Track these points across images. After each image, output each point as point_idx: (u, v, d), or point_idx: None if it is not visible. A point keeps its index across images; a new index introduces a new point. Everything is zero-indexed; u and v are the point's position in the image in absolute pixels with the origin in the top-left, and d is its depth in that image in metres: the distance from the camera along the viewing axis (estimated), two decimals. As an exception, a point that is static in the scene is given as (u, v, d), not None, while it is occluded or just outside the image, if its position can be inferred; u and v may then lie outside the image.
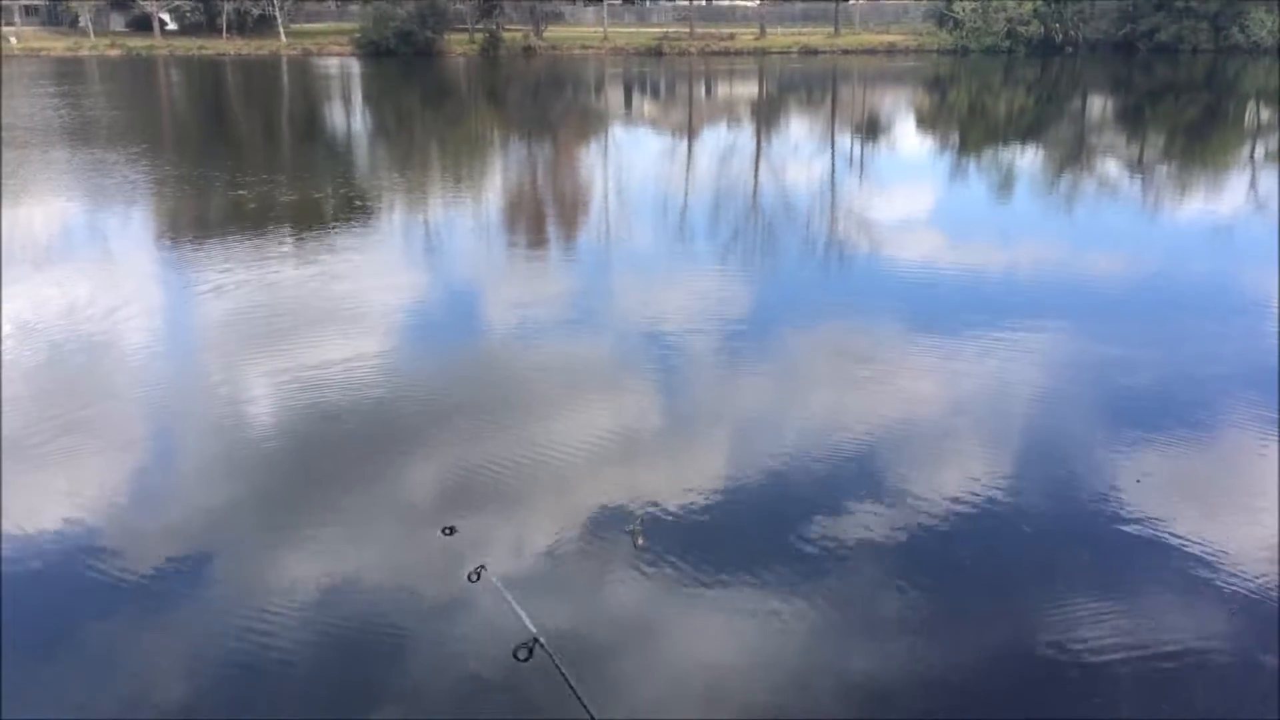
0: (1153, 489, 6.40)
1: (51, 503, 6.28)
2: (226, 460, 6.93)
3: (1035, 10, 65.85)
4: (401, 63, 63.69)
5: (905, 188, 18.97)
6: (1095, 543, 5.81)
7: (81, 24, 79.25)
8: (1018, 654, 4.88)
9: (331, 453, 7.05)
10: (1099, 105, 37.36)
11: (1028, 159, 23.61)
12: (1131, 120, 31.78)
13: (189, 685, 4.67)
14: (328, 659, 4.84)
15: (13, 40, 74.12)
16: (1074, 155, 23.66)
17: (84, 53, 71.96)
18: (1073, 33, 66.38)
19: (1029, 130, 29.27)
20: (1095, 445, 7.09)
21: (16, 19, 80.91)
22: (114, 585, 5.44)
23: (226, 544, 5.84)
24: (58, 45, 73.92)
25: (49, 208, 16.41)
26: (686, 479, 6.55)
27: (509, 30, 74.69)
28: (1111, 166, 21.96)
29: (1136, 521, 6.00)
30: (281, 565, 5.60)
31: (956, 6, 67.01)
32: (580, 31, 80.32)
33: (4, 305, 10.41)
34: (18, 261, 12.47)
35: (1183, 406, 7.77)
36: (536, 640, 4.66)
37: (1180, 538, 5.81)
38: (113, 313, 10.27)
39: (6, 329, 9.64)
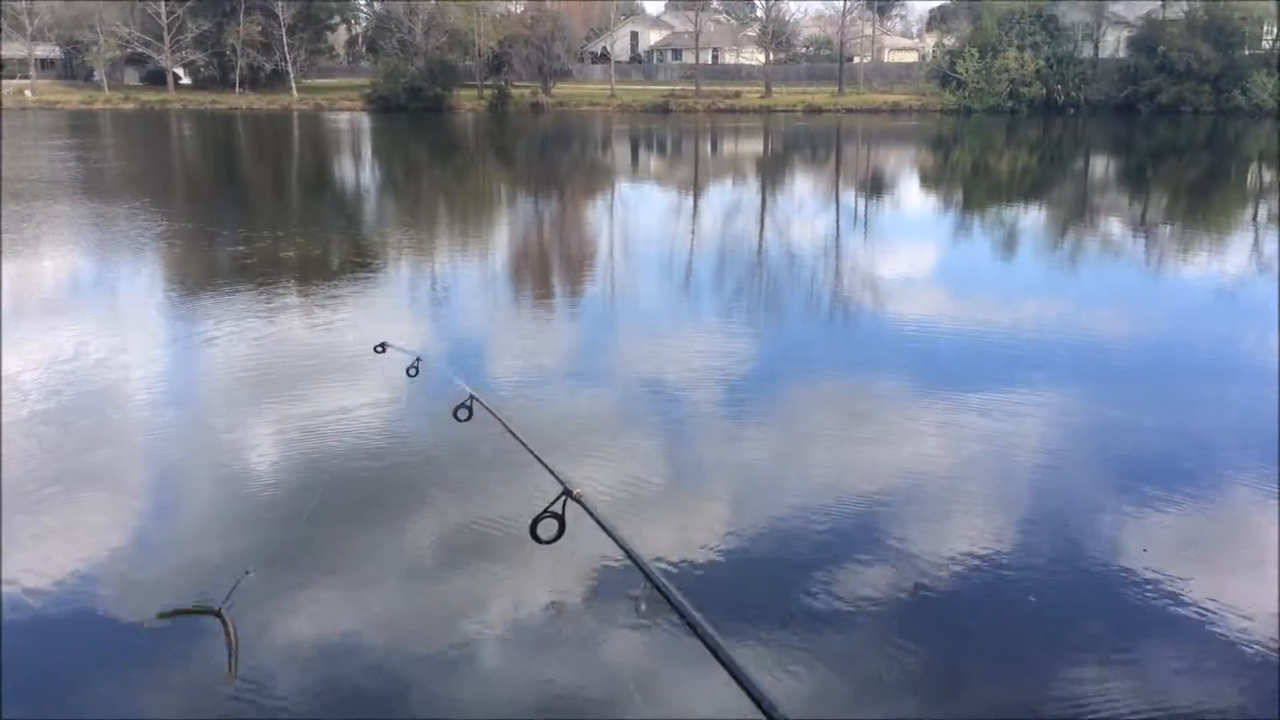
0: (1160, 554, 6.33)
1: (49, 554, 6.24)
2: (226, 511, 6.90)
3: (1038, 71, 66.66)
4: (411, 118, 64.43)
5: (909, 245, 19.07)
6: (1102, 609, 5.74)
7: (96, 77, 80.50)
8: (1014, 710, 4.81)
9: (331, 504, 7.02)
10: (1101, 165, 37.66)
11: (1031, 218, 23.75)
12: (1134, 180, 32.02)
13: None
14: (328, 713, 4.78)
15: (28, 93, 75.24)
16: (1077, 214, 23.80)
17: (98, 106, 73.01)
18: (1075, 94, 67.14)
19: (1032, 189, 29.48)
20: (1101, 509, 7.04)
21: (32, 72, 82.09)
22: (112, 638, 5.39)
23: (228, 592, 5.79)
24: (73, 98, 75.01)
25: (47, 262, 16.52)
26: (688, 537, 6.51)
27: (517, 87, 75.73)
28: (1114, 226, 22.08)
29: (1143, 586, 5.93)
30: (281, 617, 5.54)
31: (959, 67, 67.86)
32: (588, 89, 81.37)
33: (4, 357, 10.43)
34: (15, 314, 12.53)
35: (1188, 470, 7.72)
36: None
37: (1188, 603, 5.74)
38: (111, 364, 10.29)
39: (7, 380, 9.65)
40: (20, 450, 7.91)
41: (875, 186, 30.00)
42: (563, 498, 2.82)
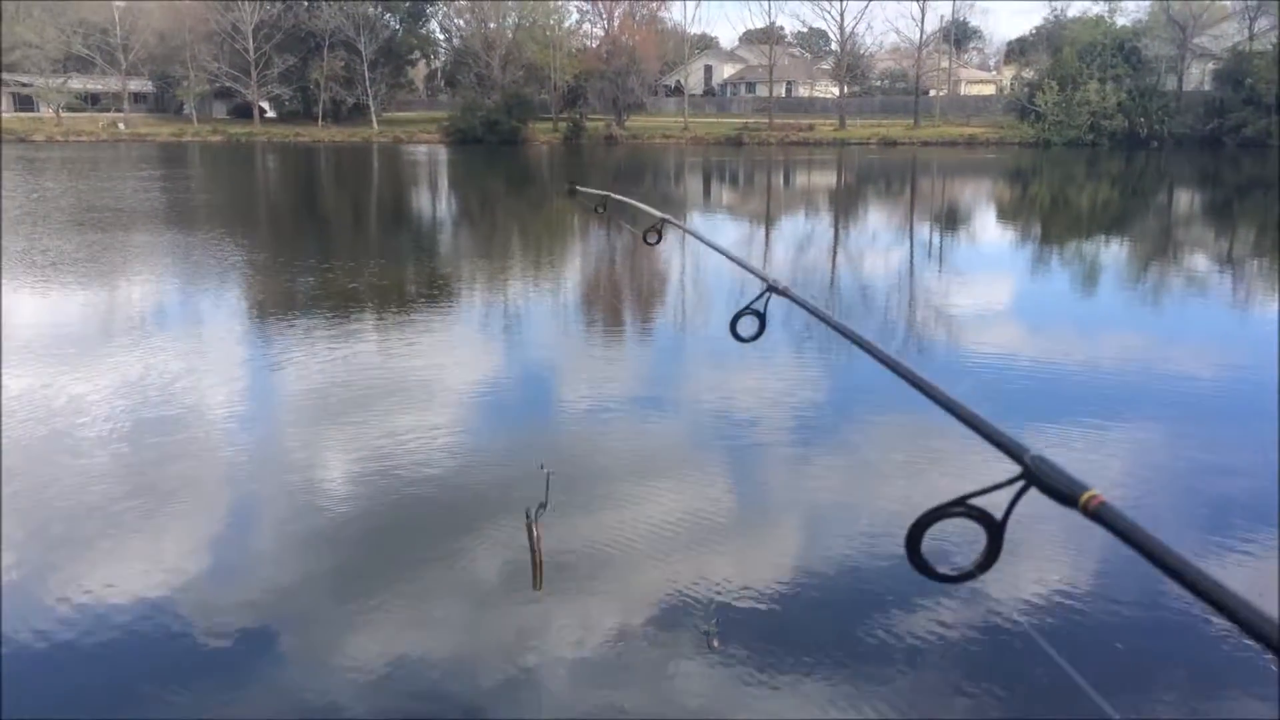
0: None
1: (128, 573, 6.39)
2: (301, 532, 7.00)
3: (1119, 104, 65.56)
4: (487, 150, 65.46)
5: (985, 279, 18.79)
6: (1187, 659, 5.55)
7: (186, 111, 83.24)
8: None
9: (401, 528, 7.09)
10: (1186, 199, 36.82)
11: (1112, 252, 23.27)
12: (1220, 215, 31.23)
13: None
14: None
15: (121, 125, 78.02)
16: (1160, 249, 23.27)
17: (188, 138, 75.44)
18: (1158, 126, 65.87)
19: (1113, 223, 28.91)
20: (1185, 551, 6.81)
21: (125, 105, 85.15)
22: (185, 657, 5.49)
23: (298, 617, 5.87)
24: (163, 131, 77.62)
25: (124, 289, 17.05)
26: (757, 568, 6.45)
27: (592, 119, 76.61)
28: (1199, 261, 21.53)
29: (1230, 638, 5.72)
30: (352, 640, 5.60)
31: (1039, 99, 67.02)
32: (661, 121, 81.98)
33: (82, 383, 10.76)
34: (91, 340, 12.94)
35: (1274, 515, 7.45)
36: None
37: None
38: (186, 387, 10.55)
39: (86, 400, 9.95)
40: (98, 469, 8.14)
41: (951, 219, 29.67)
42: (767, 294, 2.93)
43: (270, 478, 8.18)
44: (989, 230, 27.45)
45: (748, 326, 2.93)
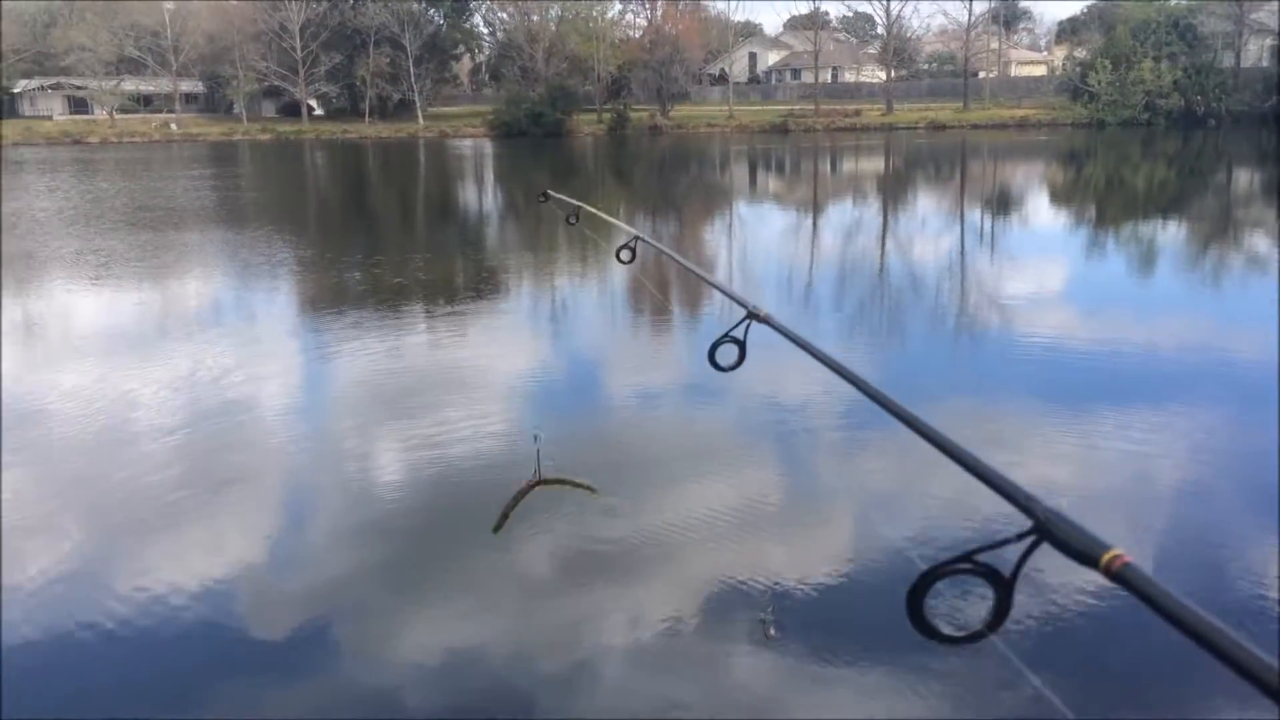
0: (1317, 586, 5.93)
1: (186, 563, 6.47)
2: (355, 522, 7.05)
3: (1175, 82, 64.16)
4: (532, 142, 65.64)
5: (1038, 263, 18.47)
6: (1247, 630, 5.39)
7: (236, 110, 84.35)
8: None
9: (454, 518, 7.11)
10: (1245, 178, 35.97)
11: (1169, 233, 22.78)
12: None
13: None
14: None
15: (173, 126, 79.26)
16: (1219, 230, 22.73)
17: (237, 137, 76.46)
18: (1215, 105, 64.38)
19: (1170, 204, 28.31)
20: (1249, 541, 6.64)
21: (177, 106, 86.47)
22: (242, 646, 5.54)
23: (353, 607, 5.90)
24: (214, 130, 78.71)
25: (174, 287, 17.30)
26: (813, 556, 6.38)
27: (636, 110, 76.48)
28: (1260, 242, 21.00)
29: (1298, 620, 5.56)
30: (406, 630, 5.62)
31: (1091, 79, 65.80)
32: (706, 110, 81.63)
33: (137, 378, 10.93)
34: (133, 338, 13.13)
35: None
36: None
37: (1350, 641, 5.36)
38: (237, 381, 10.67)
39: (142, 394, 10.10)
40: (155, 462, 8.25)
41: (1002, 203, 29.23)
42: (746, 321, 2.65)
43: (324, 469, 8.24)
44: (1042, 213, 27.00)
45: (727, 355, 2.72)
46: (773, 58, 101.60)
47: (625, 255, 4.42)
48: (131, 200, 31.52)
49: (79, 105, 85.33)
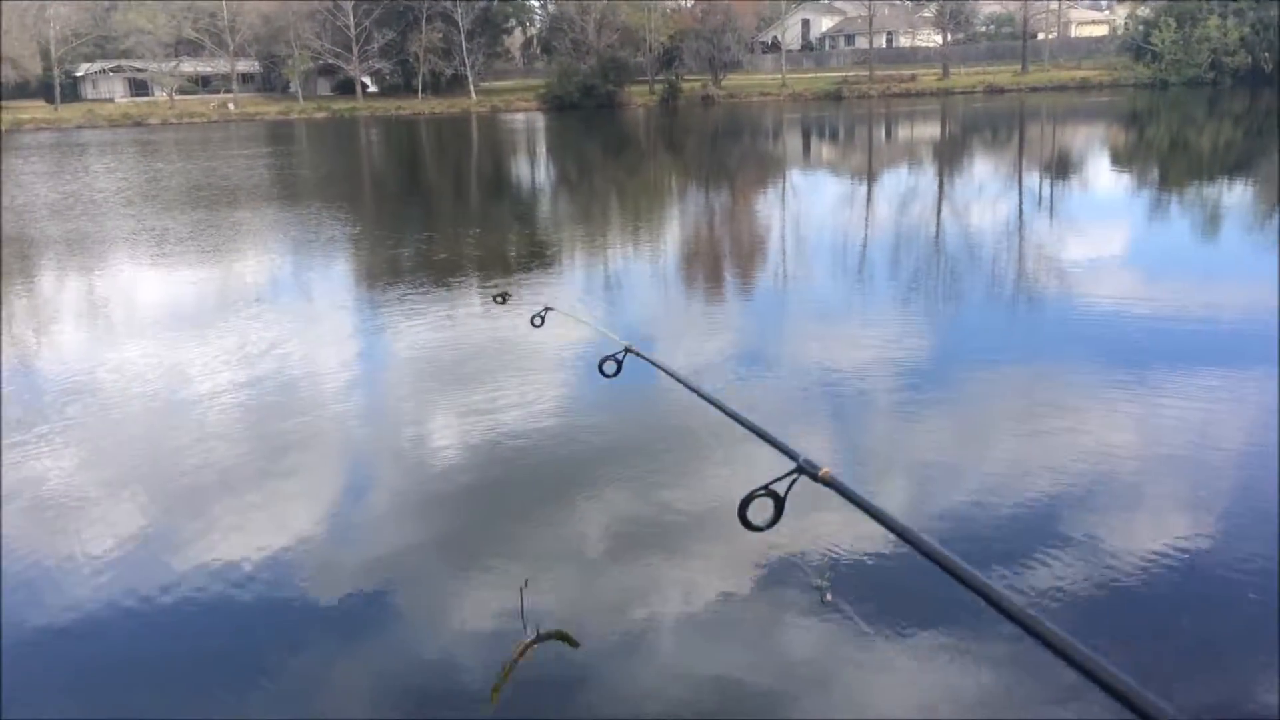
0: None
1: (248, 534, 6.64)
2: (414, 493, 7.18)
3: (1242, 39, 62.22)
4: (584, 115, 65.55)
5: (1100, 227, 18.12)
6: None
7: (292, 89, 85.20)
8: (1226, 714, 4.51)
9: (509, 490, 7.21)
10: (1316, 137, 34.89)
11: (1235, 195, 22.19)
12: (1354, 152, 29.51)
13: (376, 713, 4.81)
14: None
15: (231, 106, 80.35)
16: (1288, 190, 22.10)
17: (294, 116, 77.30)
18: (1284, 61, 62.31)
19: (1237, 165, 27.58)
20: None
21: (234, 86, 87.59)
22: (305, 615, 5.68)
23: (411, 577, 6.02)
24: (271, 109, 79.67)
25: (224, 264, 17.59)
26: (865, 525, 6.38)
27: (688, 80, 75.99)
28: (1332, 201, 20.38)
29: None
30: (464, 601, 5.73)
31: (1155, 38, 64.06)
32: (758, 79, 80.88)
33: (195, 351, 11.17)
34: (193, 314, 13.40)
35: None
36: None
37: None
38: (287, 355, 10.86)
39: (196, 367, 10.32)
40: (215, 432, 8.45)
41: (1062, 167, 28.67)
42: (794, 475, 2.18)
43: (382, 442, 8.38)
44: (1103, 177, 26.44)
45: (761, 511, 2.22)
46: (826, 24, 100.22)
47: (610, 368, 3.79)
48: (188, 180, 32.08)
49: (139, 87, 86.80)
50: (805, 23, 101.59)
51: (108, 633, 5.57)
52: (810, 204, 24.04)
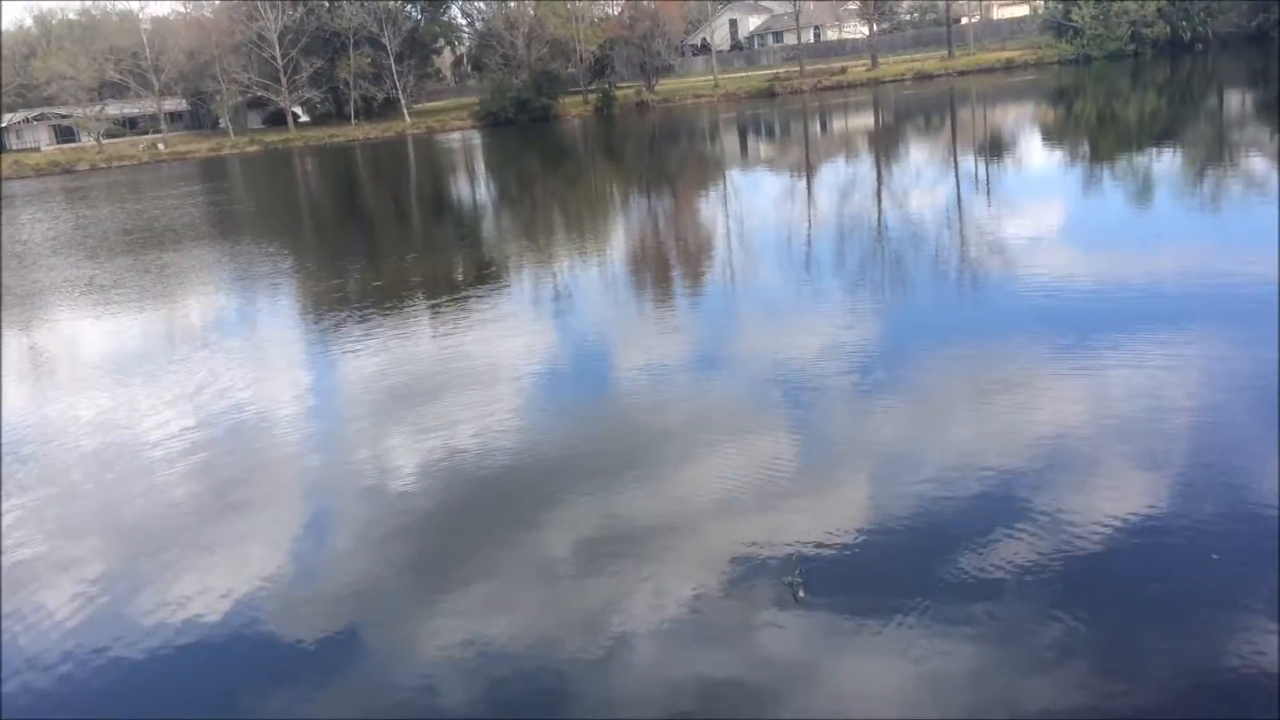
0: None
1: (211, 577, 6.51)
2: (376, 522, 7.08)
3: (1159, 10, 63.50)
4: (520, 130, 65.42)
5: (1037, 204, 18.38)
6: (1276, 559, 5.42)
7: (222, 125, 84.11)
8: (1197, 674, 4.58)
9: (471, 512, 7.15)
10: (1237, 100, 35.70)
11: (1165, 162, 22.63)
12: (1273, 112, 30.21)
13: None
14: (487, 706, 4.86)
15: (160, 146, 79.12)
16: (1214, 155, 22.58)
17: (226, 151, 76.28)
18: (1201, 29, 63.72)
19: (1163, 133, 28.13)
20: (1266, 457, 6.64)
21: (163, 126, 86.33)
22: (274, 656, 5.59)
23: (379, 608, 5.94)
24: (202, 146, 78.56)
25: (166, 308, 17.34)
26: (831, 509, 6.41)
27: (621, 88, 76.06)
28: (1256, 162, 20.85)
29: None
30: (436, 625, 5.66)
31: (1075, 15, 65.18)
32: (691, 82, 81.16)
33: (145, 397, 10.98)
34: (140, 358, 13.18)
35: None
36: None
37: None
38: (248, 394, 10.71)
39: (149, 408, 10.15)
40: (170, 477, 8.30)
41: (995, 147, 29.06)
42: None
43: (340, 471, 8.28)
44: (1036, 154, 26.85)
45: None
46: (754, 22, 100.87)
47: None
48: (116, 225, 31.44)
49: (65, 134, 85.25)
50: (733, 23, 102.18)
51: (73, 689, 5.45)
52: (753, 201, 24.15)
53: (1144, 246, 13.66)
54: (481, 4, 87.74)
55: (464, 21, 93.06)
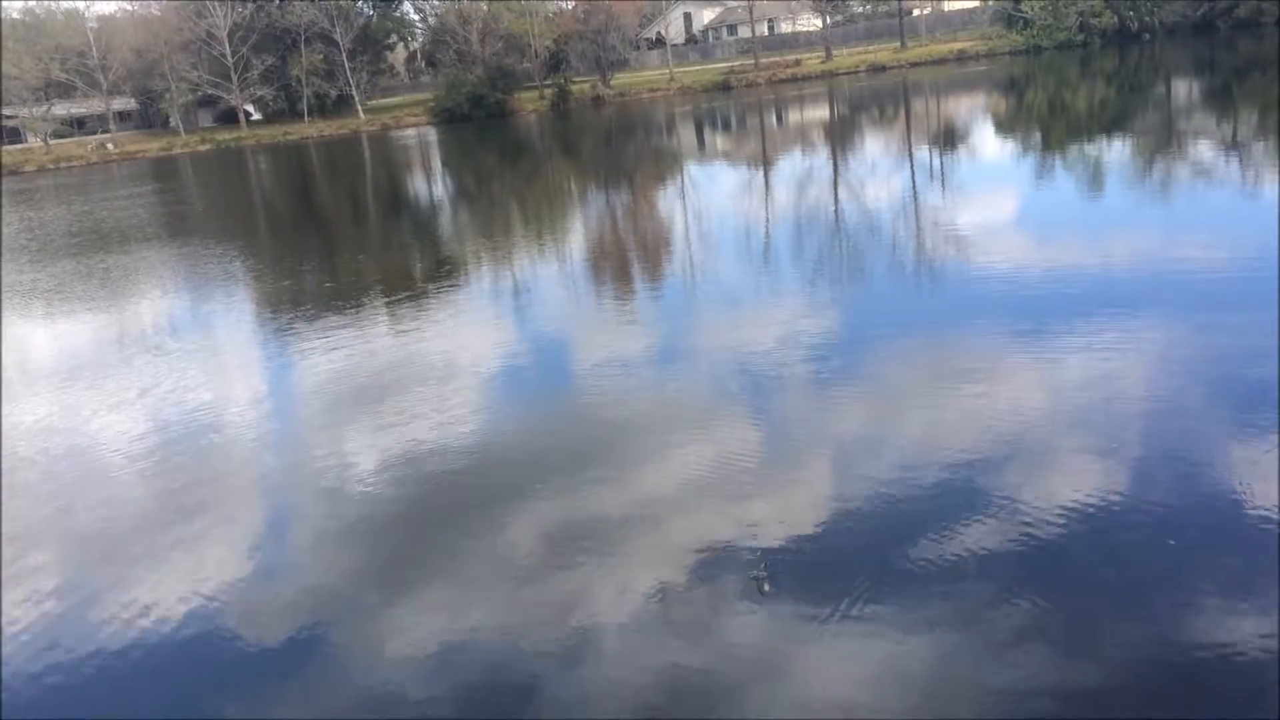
0: (1291, 480, 6.04)
1: (171, 584, 6.42)
2: (337, 525, 7.02)
3: (1107, 1, 64.45)
4: (476, 125, 65.11)
5: (990, 193, 18.59)
6: (1233, 543, 5.50)
7: (173, 124, 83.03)
8: (1158, 658, 4.64)
9: (433, 512, 7.10)
10: (1184, 89, 36.28)
11: (1115, 151, 22.94)
12: (1220, 100, 30.75)
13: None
14: (454, 707, 4.83)
15: (110, 146, 77.88)
16: (1163, 142, 22.94)
17: (177, 151, 75.29)
18: (1148, 19, 64.77)
19: (1113, 122, 28.52)
20: (1222, 441, 6.76)
21: (112, 125, 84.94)
22: (237, 662, 5.52)
23: (343, 611, 5.89)
24: (152, 146, 77.47)
25: (117, 311, 17.08)
26: (792, 501, 6.43)
27: (576, 82, 75.95)
28: (1204, 150, 21.21)
29: (1274, 519, 5.67)
30: (400, 626, 5.62)
31: (1025, 5, 65.99)
32: (646, 76, 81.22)
33: (101, 403, 10.80)
34: (92, 364, 12.98)
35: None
36: None
37: (1328, 529, 5.47)
38: (205, 397, 10.57)
39: (111, 421, 10.00)
40: (128, 484, 8.17)
41: (949, 138, 29.33)
42: None
43: (299, 475, 8.19)
44: (988, 144, 27.13)
45: None
46: (708, 15, 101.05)
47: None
48: (62, 227, 30.89)
49: (11, 135, 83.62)
50: (687, 16, 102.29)
51: (38, 701, 5.35)
52: (710, 195, 24.20)
53: (1098, 234, 13.82)
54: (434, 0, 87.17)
55: (417, 17, 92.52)
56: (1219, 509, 5.88)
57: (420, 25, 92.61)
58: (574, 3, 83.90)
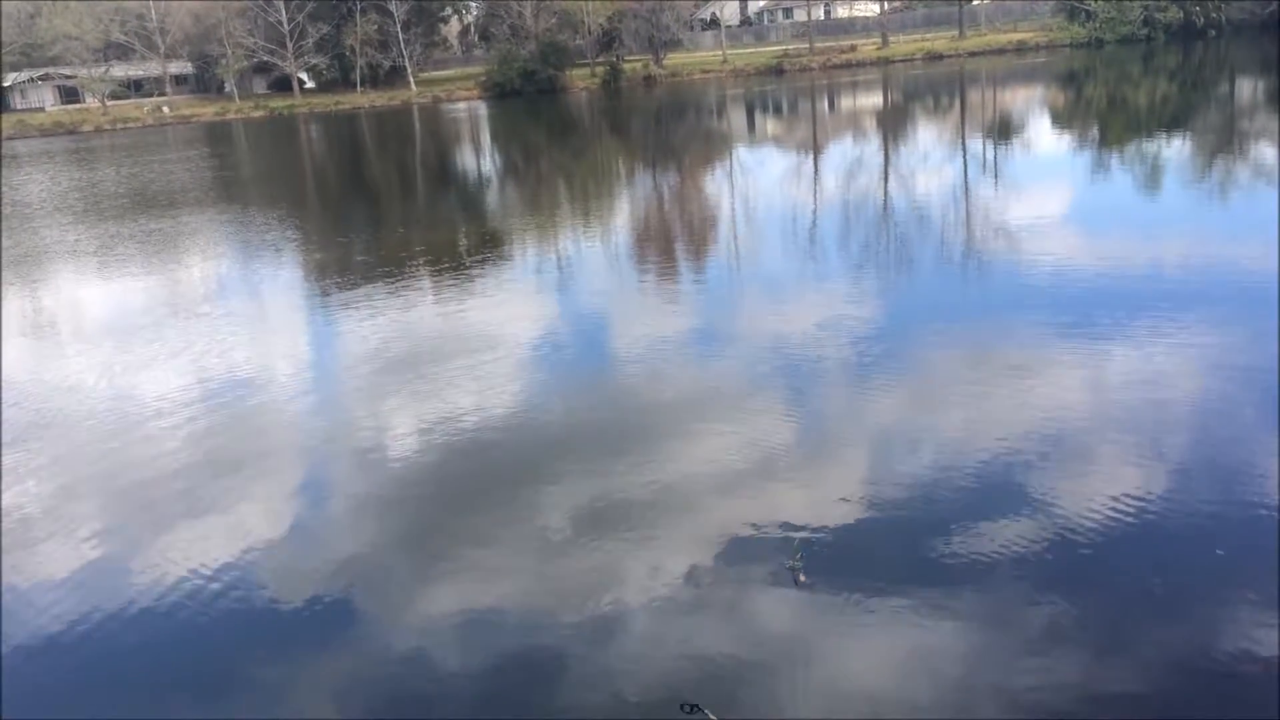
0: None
1: (209, 543, 6.51)
2: (374, 492, 7.07)
3: (1173, -5, 63.09)
4: (527, 101, 65.06)
5: (1044, 188, 18.29)
6: (1271, 549, 5.39)
7: (227, 89, 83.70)
8: (1192, 664, 4.57)
9: (469, 483, 7.13)
10: (1249, 88, 35.46)
11: (1174, 149, 22.48)
12: (1286, 101, 30.00)
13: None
14: (483, 683, 4.86)
15: (165, 109, 78.75)
16: (1224, 142, 22.43)
17: (230, 116, 75.92)
18: (1215, 15, 63.23)
19: (1174, 119, 27.95)
20: (1266, 448, 6.61)
21: (168, 89, 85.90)
22: (277, 621, 5.59)
23: (376, 577, 5.94)
24: (207, 110, 78.17)
25: (169, 271, 17.29)
26: (830, 492, 6.39)
27: (629, 61, 75.59)
28: (1267, 152, 20.71)
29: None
30: (430, 593, 5.66)
31: (1088, -2, 64.78)
32: (699, 57, 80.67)
33: (146, 360, 10.96)
34: (142, 322, 13.16)
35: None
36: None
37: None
38: (249, 359, 10.69)
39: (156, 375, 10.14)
40: (170, 442, 8.29)
41: (1003, 130, 28.89)
42: None
43: (339, 441, 8.26)
44: (1044, 138, 26.68)
45: None
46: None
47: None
48: (110, 188, 31.23)
49: (70, 95, 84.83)
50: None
51: (72, 654, 5.45)
52: (760, 180, 24.03)
53: (1151, 233, 13.56)
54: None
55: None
56: (1245, 510, 5.77)
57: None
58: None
